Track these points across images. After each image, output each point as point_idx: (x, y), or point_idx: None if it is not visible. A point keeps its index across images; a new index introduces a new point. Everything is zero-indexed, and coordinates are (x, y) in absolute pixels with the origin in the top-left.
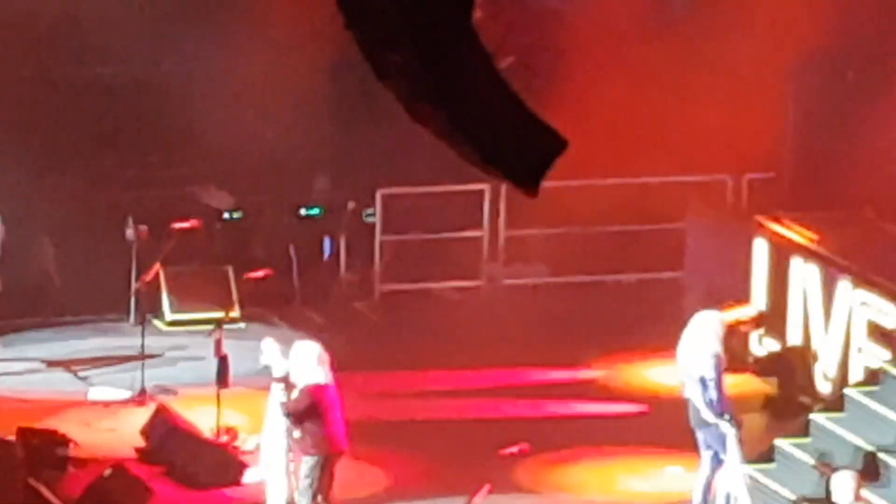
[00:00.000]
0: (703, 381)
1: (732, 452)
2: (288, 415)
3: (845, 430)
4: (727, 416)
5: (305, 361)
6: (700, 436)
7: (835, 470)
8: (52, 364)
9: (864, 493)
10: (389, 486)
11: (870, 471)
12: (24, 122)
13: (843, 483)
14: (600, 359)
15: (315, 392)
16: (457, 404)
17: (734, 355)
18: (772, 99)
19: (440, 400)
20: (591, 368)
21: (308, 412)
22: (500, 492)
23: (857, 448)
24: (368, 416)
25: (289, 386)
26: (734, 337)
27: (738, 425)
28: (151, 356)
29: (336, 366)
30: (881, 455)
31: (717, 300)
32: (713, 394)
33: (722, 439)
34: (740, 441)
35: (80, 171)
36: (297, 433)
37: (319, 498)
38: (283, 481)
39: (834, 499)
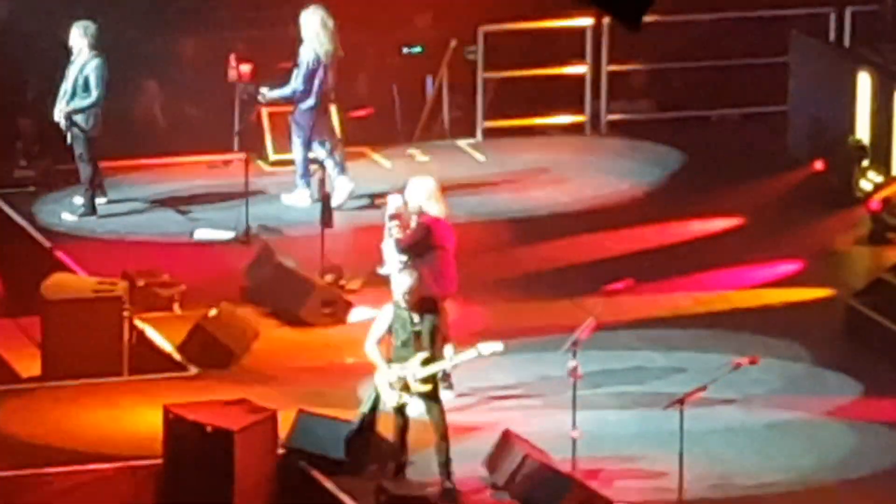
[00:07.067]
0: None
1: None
2: (403, 250)
3: None
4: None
5: (420, 195)
6: None
7: None
8: (156, 204)
9: None
10: (489, 325)
11: None
12: None
13: None
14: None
15: (430, 224)
16: (558, 245)
17: (840, 190)
18: None
19: (543, 240)
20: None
21: (422, 246)
22: (607, 328)
23: None
24: (469, 256)
25: (402, 224)
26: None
27: None
28: (257, 193)
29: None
30: None
31: (822, 133)
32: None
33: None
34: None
35: (184, 12)
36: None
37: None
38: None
39: None
